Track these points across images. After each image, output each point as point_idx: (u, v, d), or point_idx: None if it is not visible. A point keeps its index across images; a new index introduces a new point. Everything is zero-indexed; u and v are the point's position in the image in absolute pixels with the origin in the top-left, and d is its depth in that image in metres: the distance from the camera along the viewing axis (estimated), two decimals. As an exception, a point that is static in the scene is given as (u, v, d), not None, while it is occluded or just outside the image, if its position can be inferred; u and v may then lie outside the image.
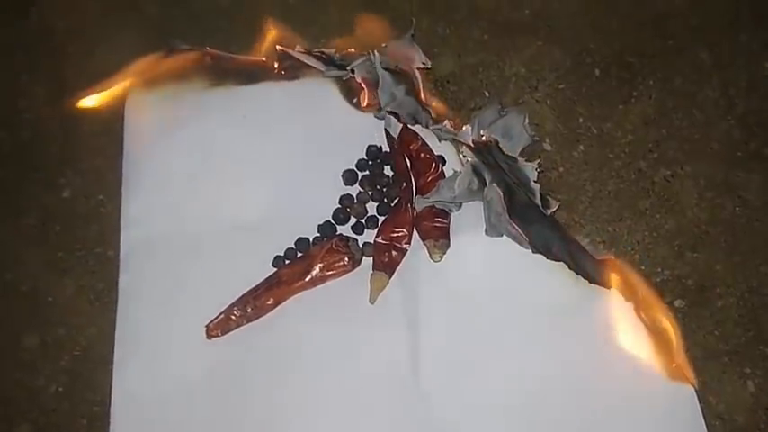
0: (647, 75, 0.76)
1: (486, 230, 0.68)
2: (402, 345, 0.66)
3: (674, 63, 0.77)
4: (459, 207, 0.69)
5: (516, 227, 0.66)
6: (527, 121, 0.70)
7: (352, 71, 0.72)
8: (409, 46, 0.74)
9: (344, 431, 0.64)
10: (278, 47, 0.74)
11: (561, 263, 0.67)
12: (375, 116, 0.72)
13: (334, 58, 0.74)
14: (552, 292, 0.67)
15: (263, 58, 0.76)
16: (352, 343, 0.66)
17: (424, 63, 0.73)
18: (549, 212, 0.67)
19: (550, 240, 0.66)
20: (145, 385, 0.65)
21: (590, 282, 0.66)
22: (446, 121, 0.71)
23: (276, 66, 0.75)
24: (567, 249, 0.66)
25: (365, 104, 0.73)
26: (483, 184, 0.67)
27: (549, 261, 0.67)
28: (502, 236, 0.68)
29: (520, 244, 0.68)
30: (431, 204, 0.68)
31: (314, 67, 0.74)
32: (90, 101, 0.76)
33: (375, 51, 0.71)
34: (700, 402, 0.64)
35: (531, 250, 0.67)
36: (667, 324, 0.66)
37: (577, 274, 0.67)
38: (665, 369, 0.64)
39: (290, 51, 0.74)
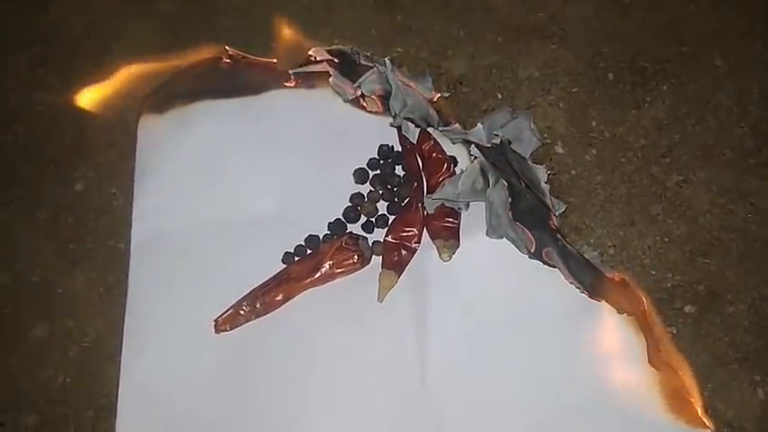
0: (661, 80, 0.76)
1: (486, 232, 0.68)
2: (409, 344, 0.65)
3: (688, 69, 0.76)
4: (468, 206, 0.69)
5: (516, 230, 0.66)
6: (533, 124, 0.70)
7: (359, 86, 0.72)
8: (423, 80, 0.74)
9: (349, 428, 0.64)
10: (290, 71, 0.74)
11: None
12: (391, 125, 0.72)
13: (351, 56, 0.74)
14: (561, 296, 0.67)
15: (275, 61, 0.76)
16: (359, 341, 0.66)
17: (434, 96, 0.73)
18: (557, 213, 0.67)
19: (548, 247, 0.66)
20: (152, 378, 0.65)
21: (586, 294, 0.66)
22: (456, 124, 0.71)
23: (293, 80, 0.75)
24: (564, 259, 0.66)
25: (375, 111, 0.73)
26: (488, 184, 0.67)
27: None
28: (502, 238, 0.68)
29: (518, 248, 0.67)
30: (437, 203, 0.68)
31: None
32: (105, 96, 0.77)
33: (386, 60, 0.71)
34: (708, 410, 0.64)
35: (528, 255, 0.67)
36: (672, 351, 0.66)
37: (570, 284, 0.66)
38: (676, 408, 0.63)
39: (304, 69, 0.74)
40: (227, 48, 0.76)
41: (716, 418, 0.63)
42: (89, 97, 0.77)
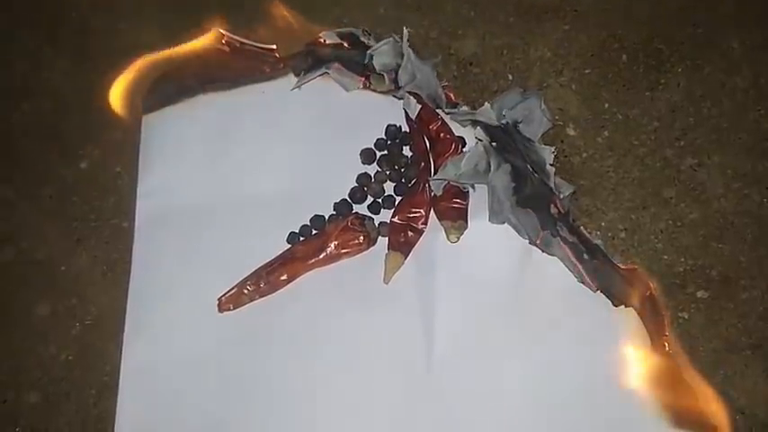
0: (676, 62, 0.74)
1: (488, 217, 0.67)
2: (415, 325, 0.64)
3: (704, 51, 0.75)
4: (474, 187, 0.68)
5: (518, 216, 0.65)
6: (544, 105, 0.68)
7: (371, 57, 0.71)
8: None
9: (354, 410, 0.63)
10: (293, 87, 0.73)
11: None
12: (394, 96, 0.71)
13: (362, 38, 0.73)
14: (570, 280, 0.65)
15: (275, 47, 0.74)
16: (364, 322, 0.65)
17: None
18: (562, 196, 0.66)
19: (546, 231, 0.64)
20: (154, 357, 0.65)
21: (589, 285, 0.64)
22: (464, 106, 0.70)
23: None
24: (567, 245, 0.64)
25: (382, 91, 0.72)
26: (490, 167, 0.66)
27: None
28: (504, 223, 0.67)
29: (518, 233, 0.66)
30: (443, 183, 0.66)
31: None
32: (111, 74, 0.76)
33: (404, 29, 0.70)
34: (720, 397, 0.62)
35: (528, 241, 0.66)
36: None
37: (570, 271, 0.65)
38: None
39: (305, 80, 0.72)
40: (222, 32, 0.75)
41: (728, 404, 0.62)
42: (96, 76, 0.76)
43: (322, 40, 0.74)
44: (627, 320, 0.64)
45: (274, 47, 0.74)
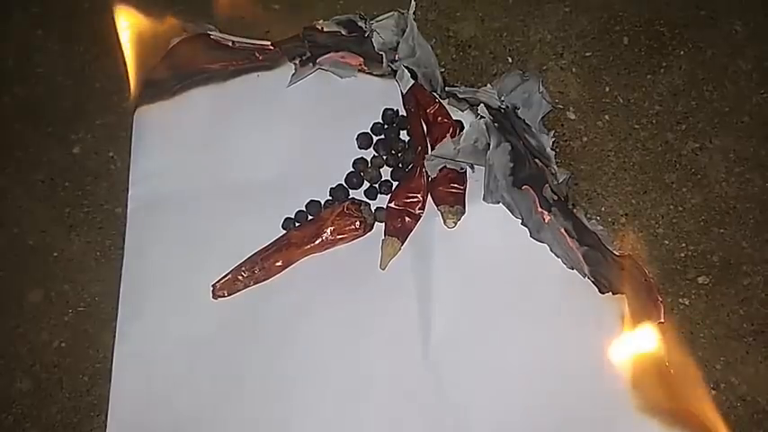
0: (678, 45, 0.73)
1: (483, 196, 0.66)
2: (412, 312, 0.64)
3: (707, 34, 0.73)
4: (473, 169, 0.66)
5: (513, 196, 0.64)
6: (542, 87, 0.67)
7: (372, 32, 0.69)
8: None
9: (351, 398, 0.62)
10: (289, 84, 0.71)
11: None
12: (390, 65, 0.69)
13: (359, 24, 0.72)
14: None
15: (269, 43, 0.73)
16: (361, 308, 0.64)
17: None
18: (561, 180, 0.64)
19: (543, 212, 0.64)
20: (148, 344, 0.64)
21: (581, 270, 0.63)
22: (462, 87, 0.69)
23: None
24: (554, 236, 0.64)
25: (379, 74, 0.71)
26: (489, 146, 0.65)
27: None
28: (498, 203, 0.66)
29: (512, 213, 0.65)
30: (438, 164, 0.65)
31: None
32: (104, 57, 0.75)
33: (412, 1, 0.68)
34: (721, 384, 0.62)
35: (521, 222, 0.65)
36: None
37: (558, 257, 0.64)
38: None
39: (299, 78, 0.71)
40: (210, 33, 0.73)
41: (729, 392, 0.61)
42: (88, 59, 0.75)
43: (320, 28, 0.73)
44: (621, 307, 0.63)
45: (268, 43, 0.73)
